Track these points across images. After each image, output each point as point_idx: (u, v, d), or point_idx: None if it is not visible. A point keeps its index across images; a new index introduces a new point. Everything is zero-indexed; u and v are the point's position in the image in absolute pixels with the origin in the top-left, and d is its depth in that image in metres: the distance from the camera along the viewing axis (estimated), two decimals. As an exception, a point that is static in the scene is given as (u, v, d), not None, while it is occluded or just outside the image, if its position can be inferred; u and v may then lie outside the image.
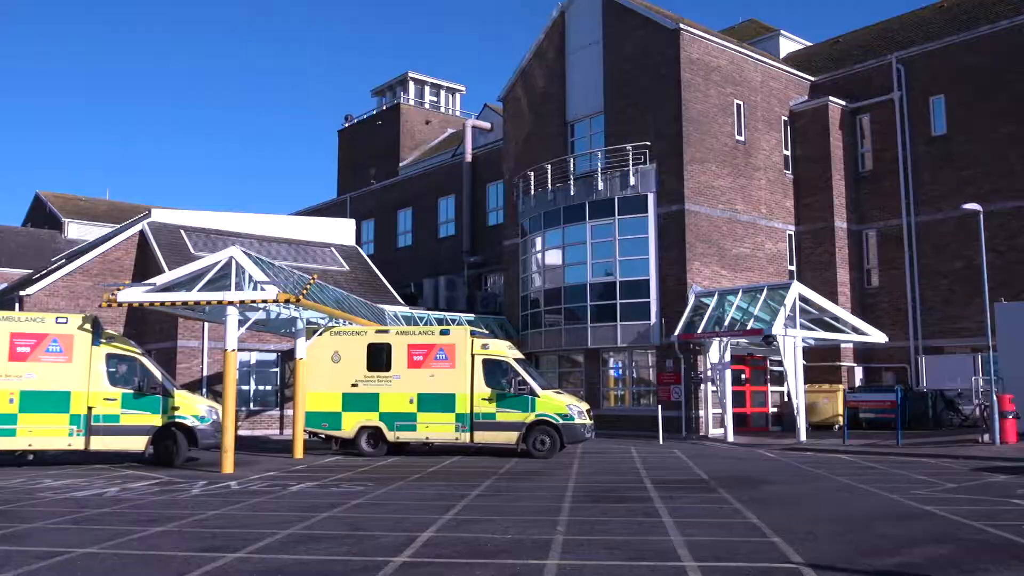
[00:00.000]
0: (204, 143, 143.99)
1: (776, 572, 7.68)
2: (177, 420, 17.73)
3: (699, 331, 25.42)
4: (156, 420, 17.60)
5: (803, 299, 25.18)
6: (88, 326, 17.69)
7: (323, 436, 21.01)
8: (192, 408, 17.95)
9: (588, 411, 20.52)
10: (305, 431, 20.51)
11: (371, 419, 20.31)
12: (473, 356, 20.40)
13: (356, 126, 56.39)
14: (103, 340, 17.82)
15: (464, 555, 8.46)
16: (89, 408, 17.37)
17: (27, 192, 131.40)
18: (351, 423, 20.46)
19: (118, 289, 17.18)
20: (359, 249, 37.68)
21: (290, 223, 35.88)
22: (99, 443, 17.48)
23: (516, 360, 20.63)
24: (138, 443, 17.60)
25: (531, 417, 19.87)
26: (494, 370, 20.34)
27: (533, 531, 9.77)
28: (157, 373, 18.00)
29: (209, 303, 17.00)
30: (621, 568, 7.86)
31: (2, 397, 17.11)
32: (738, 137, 29.61)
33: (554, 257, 30.31)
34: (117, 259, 31.40)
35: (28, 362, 17.22)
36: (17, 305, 29.38)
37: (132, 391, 17.59)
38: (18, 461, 18.14)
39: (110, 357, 17.79)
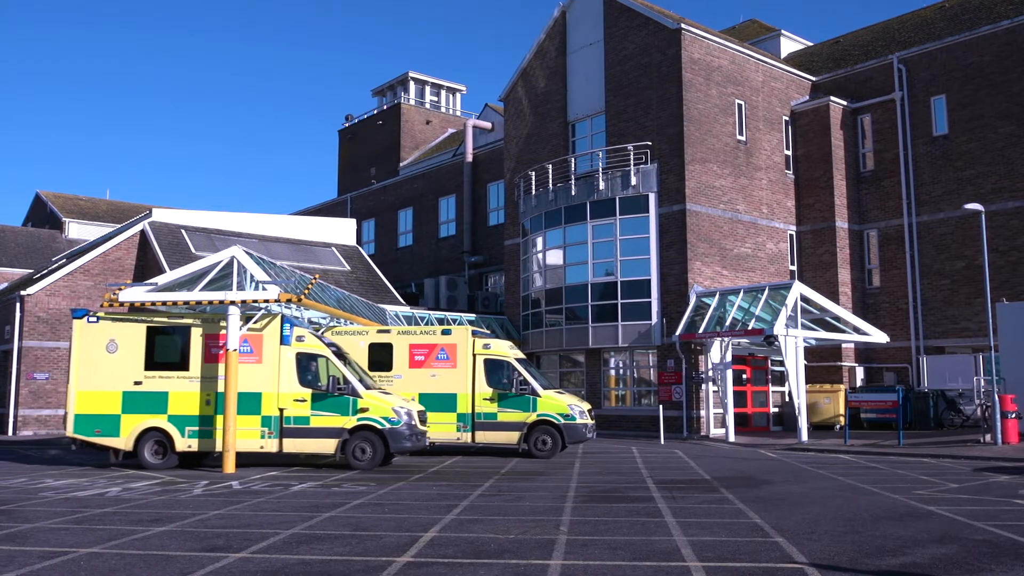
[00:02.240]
0: (204, 143, 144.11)
1: (780, 572, 7.67)
2: (366, 422, 16.81)
3: (700, 331, 25.41)
4: (345, 422, 16.76)
5: (804, 299, 25.18)
6: (277, 325, 17.26)
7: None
8: (382, 409, 16.82)
9: (590, 411, 20.52)
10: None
11: (373, 419, 20.27)
12: (474, 356, 20.40)
13: (357, 126, 56.42)
14: (293, 339, 17.21)
15: (467, 555, 8.45)
16: (281, 410, 16.88)
17: (27, 192, 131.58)
18: (353, 423, 20.42)
19: (119, 289, 17.14)
20: (360, 249, 37.70)
21: (291, 223, 35.90)
22: (291, 446, 16.92)
23: (517, 360, 20.63)
24: (327, 446, 16.83)
25: (533, 417, 19.87)
26: (495, 370, 20.34)
27: (536, 531, 9.76)
28: (346, 371, 17.02)
29: (211, 303, 16.97)
30: (625, 568, 7.85)
31: (200, 399, 17.02)
32: (739, 137, 29.61)
33: (555, 257, 30.30)
34: (118, 259, 31.43)
35: (221, 363, 16.92)
36: (18, 305, 29.42)
37: (320, 391, 16.86)
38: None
39: (300, 356, 17.12)
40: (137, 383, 17.14)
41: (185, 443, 17.03)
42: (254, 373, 17.01)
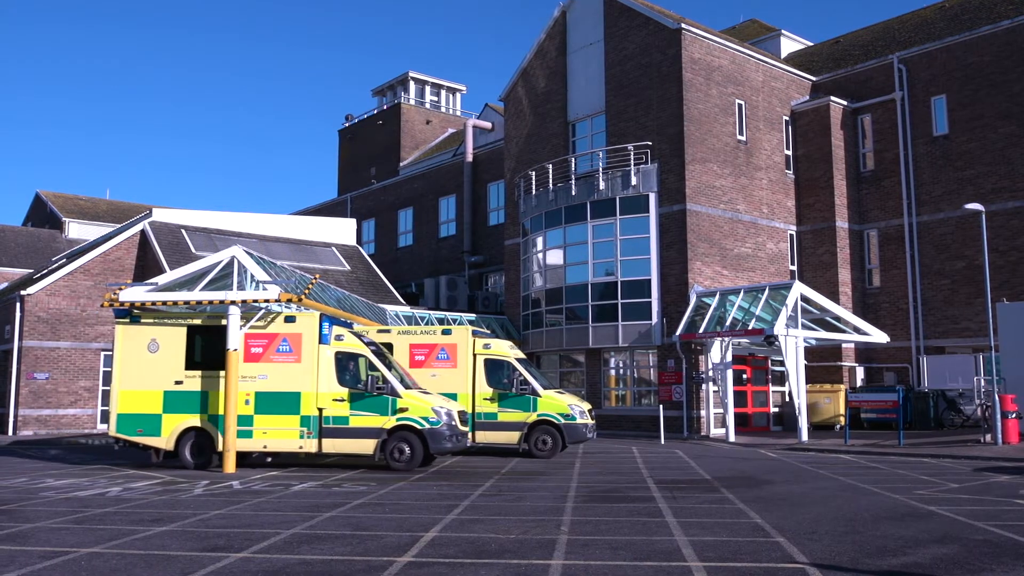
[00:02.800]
0: (204, 143, 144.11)
1: (781, 572, 7.67)
2: (405, 422, 16.42)
3: (701, 331, 25.41)
4: (383, 422, 16.40)
5: (804, 299, 25.17)
6: (315, 324, 16.91)
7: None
8: (422, 409, 16.42)
9: (590, 411, 20.51)
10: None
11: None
12: (475, 356, 20.39)
13: (357, 126, 56.41)
14: (332, 338, 16.98)
15: (468, 555, 8.45)
16: (320, 409, 16.63)
17: (27, 191, 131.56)
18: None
19: (120, 289, 17.13)
20: (360, 249, 37.70)
21: (291, 223, 35.89)
22: (330, 446, 16.65)
23: (518, 360, 20.62)
24: (367, 446, 16.50)
25: (533, 417, 19.86)
26: (496, 370, 20.34)
27: (537, 531, 9.76)
28: (386, 370, 16.67)
29: (211, 302, 16.94)
30: (626, 568, 7.85)
31: (239, 398, 16.76)
32: (739, 137, 29.61)
33: (555, 257, 30.30)
34: (118, 258, 31.42)
35: (261, 363, 16.79)
36: (18, 305, 29.41)
37: (359, 391, 16.56)
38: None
39: (339, 355, 16.88)
40: (178, 382, 17.04)
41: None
42: (293, 372, 16.79)
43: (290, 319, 17.13)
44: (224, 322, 17.00)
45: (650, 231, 28.13)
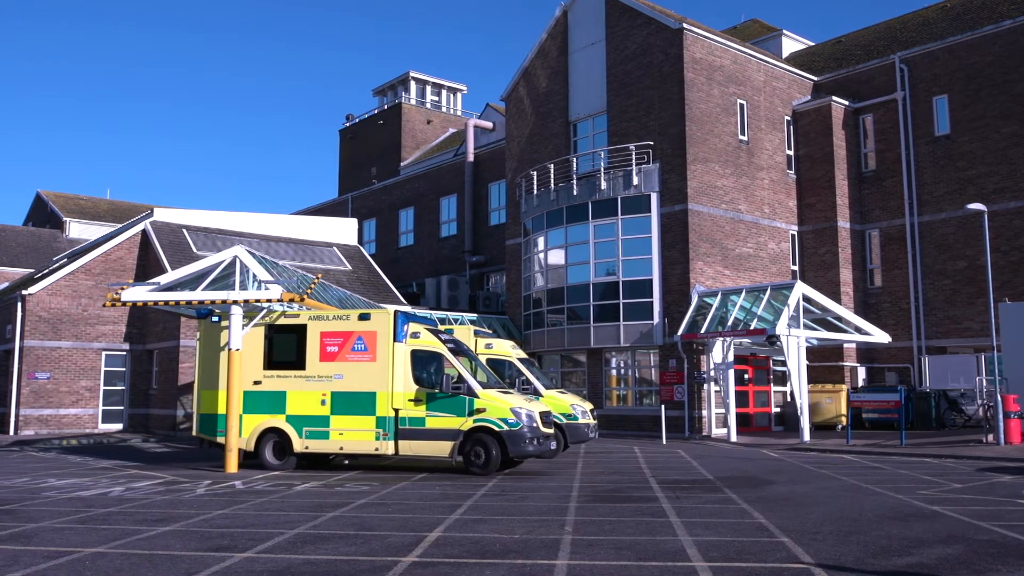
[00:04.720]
0: (204, 143, 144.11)
1: (786, 572, 7.66)
2: (483, 423, 15.68)
3: (702, 331, 25.39)
4: (460, 423, 15.72)
5: (806, 299, 25.15)
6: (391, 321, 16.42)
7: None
8: (500, 410, 15.63)
9: (592, 411, 20.48)
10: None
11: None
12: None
13: (357, 125, 56.41)
14: (408, 335, 16.49)
15: (473, 555, 8.44)
16: (396, 410, 16.11)
17: (28, 191, 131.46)
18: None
19: (122, 288, 17.13)
20: (361, 249, 37.68)
21: (292, 222, 35.87)
22: (407, 448, 16.08)
23: (520, 360, 20.60)
24: (443, 449, 15.86)
25: (535, 417, 19.79)
26: (498, 370, 20.28)
27: (541, 531, 9.75)
28: (463, 369, 16.06)
29: (213, 302, 16.94)
30: (631, 568, 7.84)
31: (315, 398, 16.52)
32: (741, 137, 29.59)
33: (557, 257, 30.29)
34: (119, 258, 31.40)
35: (337, 362, 16.47)
36: (19, 304, 29.41)
37: (435, 391, 15.96)
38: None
39: (415, 354, 16.36)
40: (256, 383, 16.85)
41: (302, 444, 16.59)
42: (368, 372, 16.30)
43: (364, 316, 16.73)
44: (303, 321, 16.85)
45: (651, 231, 28.12)
